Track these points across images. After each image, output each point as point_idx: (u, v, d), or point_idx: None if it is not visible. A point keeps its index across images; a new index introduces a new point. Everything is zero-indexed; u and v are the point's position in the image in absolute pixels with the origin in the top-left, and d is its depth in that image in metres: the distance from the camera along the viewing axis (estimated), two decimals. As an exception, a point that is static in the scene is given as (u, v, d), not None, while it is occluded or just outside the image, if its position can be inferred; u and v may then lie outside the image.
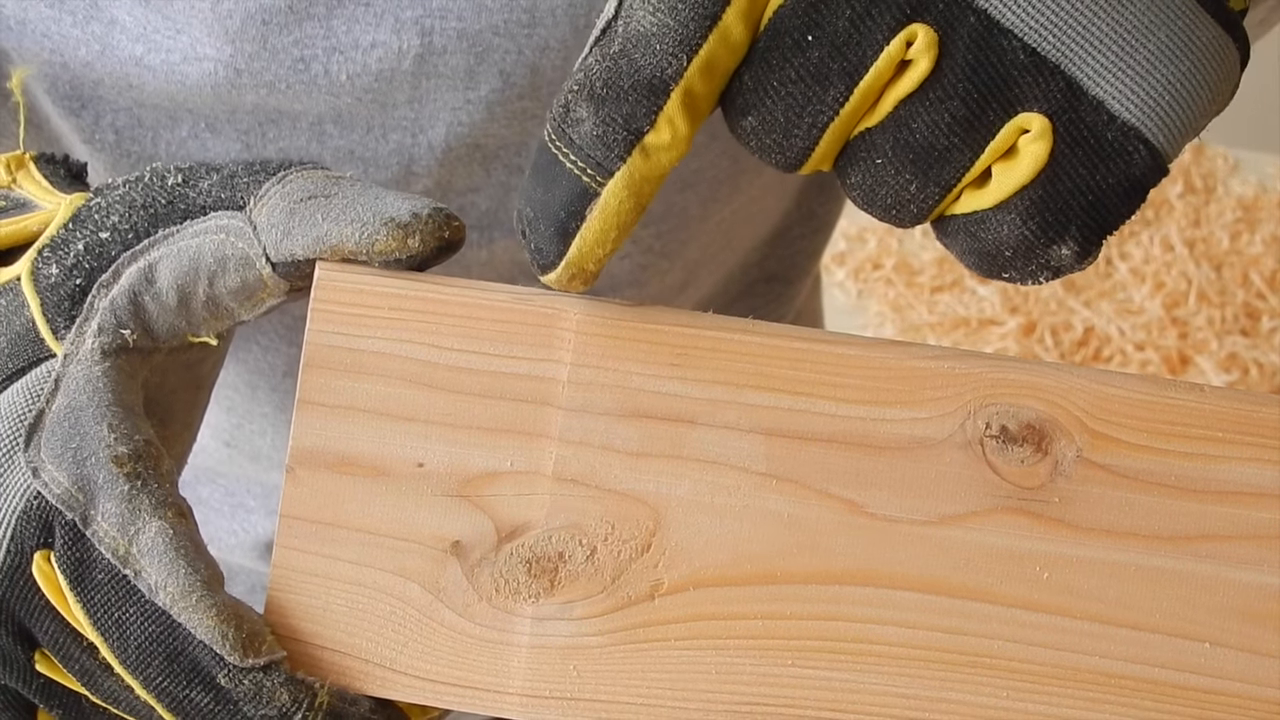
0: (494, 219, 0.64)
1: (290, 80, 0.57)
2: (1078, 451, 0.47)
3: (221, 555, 0.76)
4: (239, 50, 0.56)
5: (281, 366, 0.68)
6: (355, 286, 0.48)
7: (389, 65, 0.57)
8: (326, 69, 0.57)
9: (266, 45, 0.56)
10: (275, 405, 0.70)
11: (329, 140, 0.60)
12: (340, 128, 0.59)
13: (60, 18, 0.56)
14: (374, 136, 0.59)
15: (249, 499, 0.75)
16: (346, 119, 0.59)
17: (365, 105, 0.58)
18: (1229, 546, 0.47)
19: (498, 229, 0.65)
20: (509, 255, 0.65)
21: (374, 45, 0.57)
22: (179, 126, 0.59)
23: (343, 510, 0.48)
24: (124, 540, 0.46)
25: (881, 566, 0.47)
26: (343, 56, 0.57)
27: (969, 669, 0.47)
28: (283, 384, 0.68)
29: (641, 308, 0.48)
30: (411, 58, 0.57)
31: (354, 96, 0.58)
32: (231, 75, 0.57)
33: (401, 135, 0.60)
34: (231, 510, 0.76)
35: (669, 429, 0.47)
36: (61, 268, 0.49)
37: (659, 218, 0.67)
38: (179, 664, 0.46)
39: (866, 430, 0.47)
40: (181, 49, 0.56)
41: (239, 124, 0.59)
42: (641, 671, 0.47)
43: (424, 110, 0.59)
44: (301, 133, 0.59)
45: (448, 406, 0.48)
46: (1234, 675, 0.47)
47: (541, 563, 0.47)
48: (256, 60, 0.56)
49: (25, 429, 0.47)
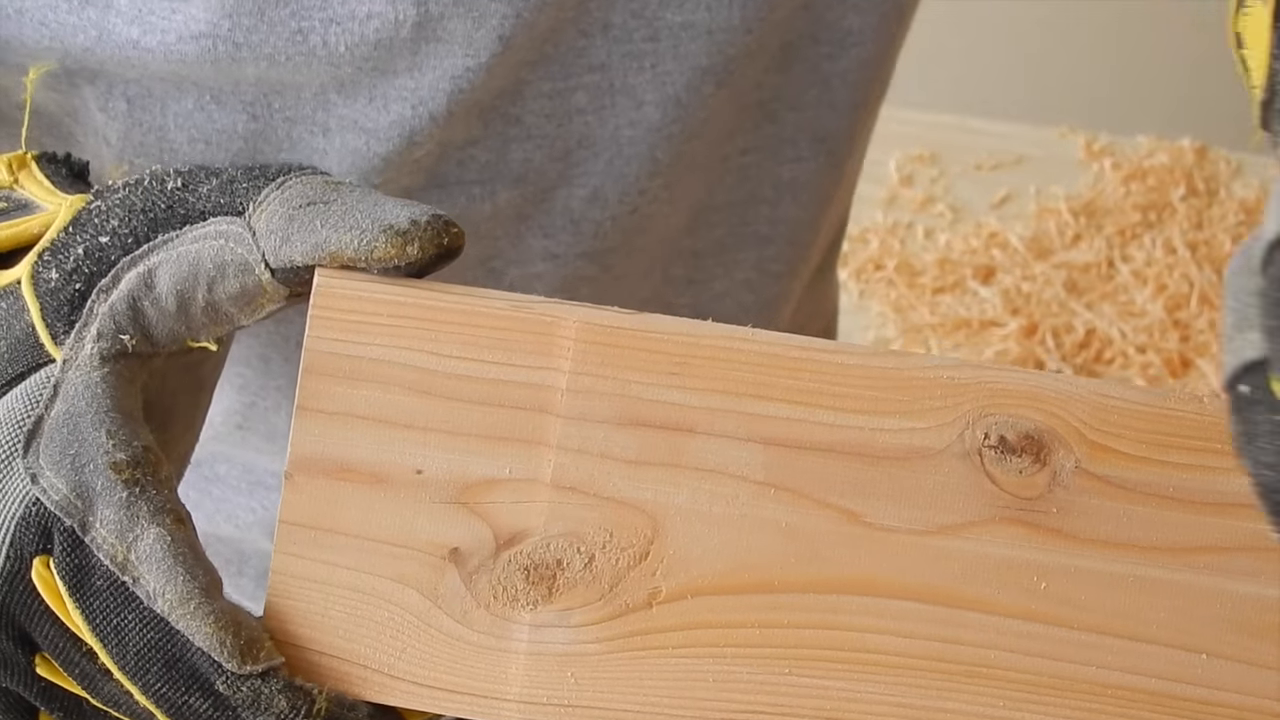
0: (494, 171, 0.64)
1: (290, 52, 0.57)
2: (1076, 462, 0.47)
3: (238, 534, 0.76)
4: (237, 24, 0.56)
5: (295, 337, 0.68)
6: (354, 293, 0.48)
7: (387, 35, 0.57)
8: (325, 40, 0.57)
9: (264, 18, 0.56)
10: (289, 378, 0.69)
11: (334, 109, 0.60)
12: (344, 96, 0.59)
13: (57, 4, 0.56)
14: (376, 106, 0.59)
15: (267, 475, 0.75)
16: (349, 88, 0.59)
17: (366, 74, 0.58)
18: (1227, 558, 0.47)
19: (499, 181, 0.64)
20: (513, 209, 0.65)
21: (370, 16, 0.57)
22: (185, 98, 0.59)
23: (341, 517, 0.48)
24: (122, 547, 0.46)
25: (879, 576, 0.47)
26: (340, 27, 0.57)
27: (966, 678, 0.47)
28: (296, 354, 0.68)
29: (641, 315, 0.48)
30: (410, 26, 0.57)
31: (354, 66, 0.58)
32: (230, 50, 0.57)
33: (402, 106, 0.60)
34: (250, 488, 0.75)
35: (667, 437, 0.47)
36: (61, 272, 0.49)
37: (666, 167, 0.66)
38: (177, 670, 0.46)
39: (865, 439, 0.47)
40: (176, 28, 0.56)
41: (243, 95, 0.59)
42: (639, 679, 0.47)
43: (424, 79, 0.59)
44: (306, 103, 0.59)
45: (446, 414, 0.48)
46: (1231, 686, 0.47)
47: (539, 570, 0.47)
48: (255, 34, 0.56)
49: (24, 435, 0.47)
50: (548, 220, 0.66)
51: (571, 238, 0.66)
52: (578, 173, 0.64)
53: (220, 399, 0.66)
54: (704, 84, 0.64)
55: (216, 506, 0.76)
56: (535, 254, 0.66)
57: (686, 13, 0.62)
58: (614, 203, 0.65)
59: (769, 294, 0.74)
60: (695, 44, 0.63)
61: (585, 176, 0.65)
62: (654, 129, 0.64)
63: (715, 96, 0.65)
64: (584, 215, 0.66)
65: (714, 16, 0.63)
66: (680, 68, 0.63)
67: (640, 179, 0.65)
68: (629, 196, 0.65)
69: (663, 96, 0.63)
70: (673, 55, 0.63)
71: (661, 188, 0.66)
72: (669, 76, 0.63)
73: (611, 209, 0.66)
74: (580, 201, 0.65)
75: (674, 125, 0.64)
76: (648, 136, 0.64)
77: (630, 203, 0.66)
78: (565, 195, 0.65)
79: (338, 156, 0.61)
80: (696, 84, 0.63)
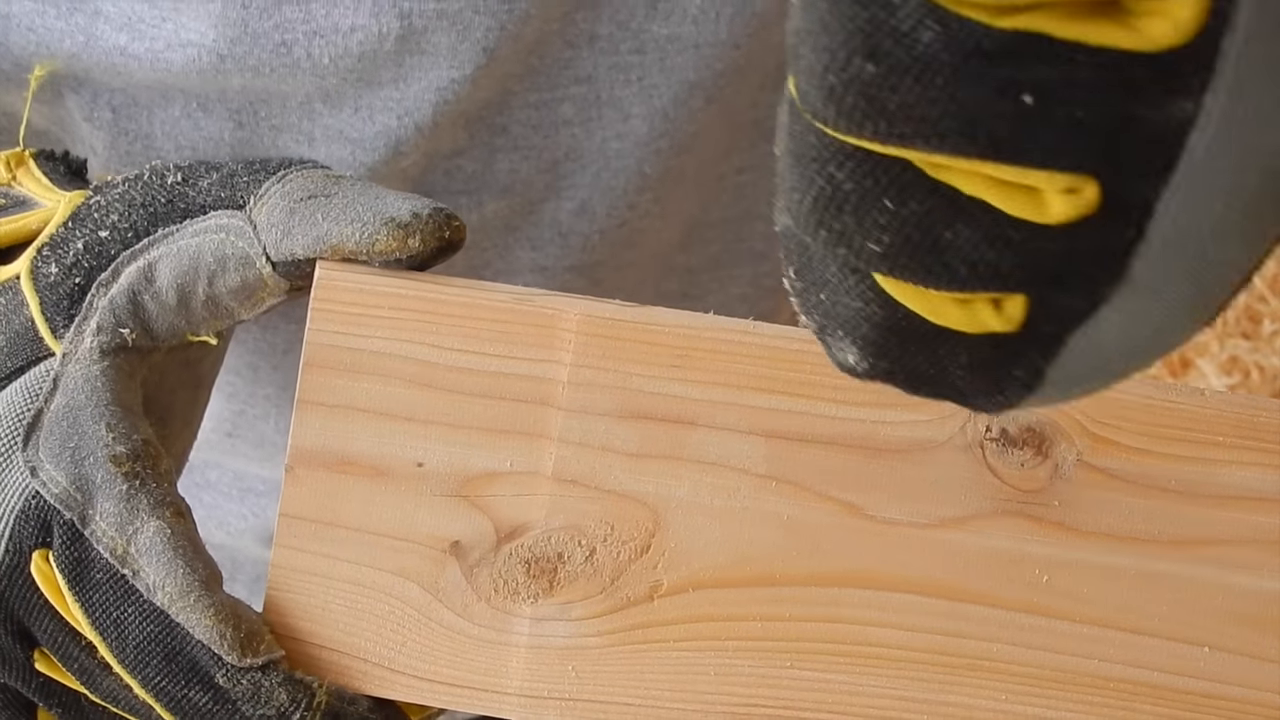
0: (481, 182, 0.64)
1: (274, 64, 0.57)
2: (1078, 455, 0.47)
3: (230, 541, 0.76)
4: (221, 35, 0.56)
5: (282, 345, 0.68)
6: (355, 286, 0.48)
7: (371, 47, 0.57)
8: (309, 52, 0.57)
9: (248, 30, 0.56)
10: (278, 385, 0.70)
11: (319, 119, 0.60)
12: (329, 106, 0.59)
13: (44, 10, 0.56)
14: (361, 117, 0.59)
15: (257, 483, 0.75)
16: (334, 98, 0.59)
17: (351, 85, 0.59)
18: (1229, 551, 0.47)
19: (486, 192, 0.64)
20: (501, 220, 0.65)
21: (354, 29, 0.57)
22: (171, 106, 0.59)
23: (342, 510, 0.48)
24: (122, 540, 0.46)
25: (881, 569, 0.47)
26: (324, 40, 0.57)
27: (968, 672, 0.47)
28: (284, 362, 0.68)
29: (642, 308, 0.48)
30: (393, 39, 0.57)
31: (339, 77, 0.58)
32: (215, 60, 0.57)
33: (388, 117, 0.60)
34: (240, 494, 0.76)
35: (669, 430, 0.47)
36: (61, 266, 0.49)
37: (655, 181, 0.66)
38: (177, 663, 0.46)
39: (867, 433, 0.47)
40: (165, 36, 0.56)
41: (230, 103, 0.59)
42: (640, 672, 0.47)
43: (409, 90, 0.59)
44: (291, 111, 0.60)
45: (447, 406, 0.48)
46: (1233, 680, 0.47)
47: (540, 563, 0.47)
48: (239, 45, 0.57)
49: (24, 428, 0.47)
50: (535, 233, 0.66)
51: (559, 250, 0.66)
52: (565, 185, 0.65)
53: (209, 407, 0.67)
54: (692, 98, 0.64)
55: (208, 513, 0.76)
56: (523, 266, 0.66)
57: (673, 26, 0.62)
58: (602, 216, 0.65)
59: (764, 308, 0.75)
60: (682, 57, 0.63)
61: (573, 189, 0.65)
62: (641, 142, 0.64)
63: (704, 112, 0.65)
64: (572, 228, 0.66)
65: (701, 31, 0.62)
66: (667, 81, 0.63)
67: (628, 192, 0.65)
68: (617, 210, 0.65)
69: (650, 110, 0.63)
70: (659, 68, 0.63)
71: (651, 202, 0.66)
72: (656, 90, 0.63)
73: (600, 222, 0.66)
74: (568, 214, 0.65)
75: (661, 139, 0.64)
76: (635, 150, 0.64)
77: (618, 216, 0.66)
78: (553, 208, 0.65)
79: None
80: (684, 98, 0.63)
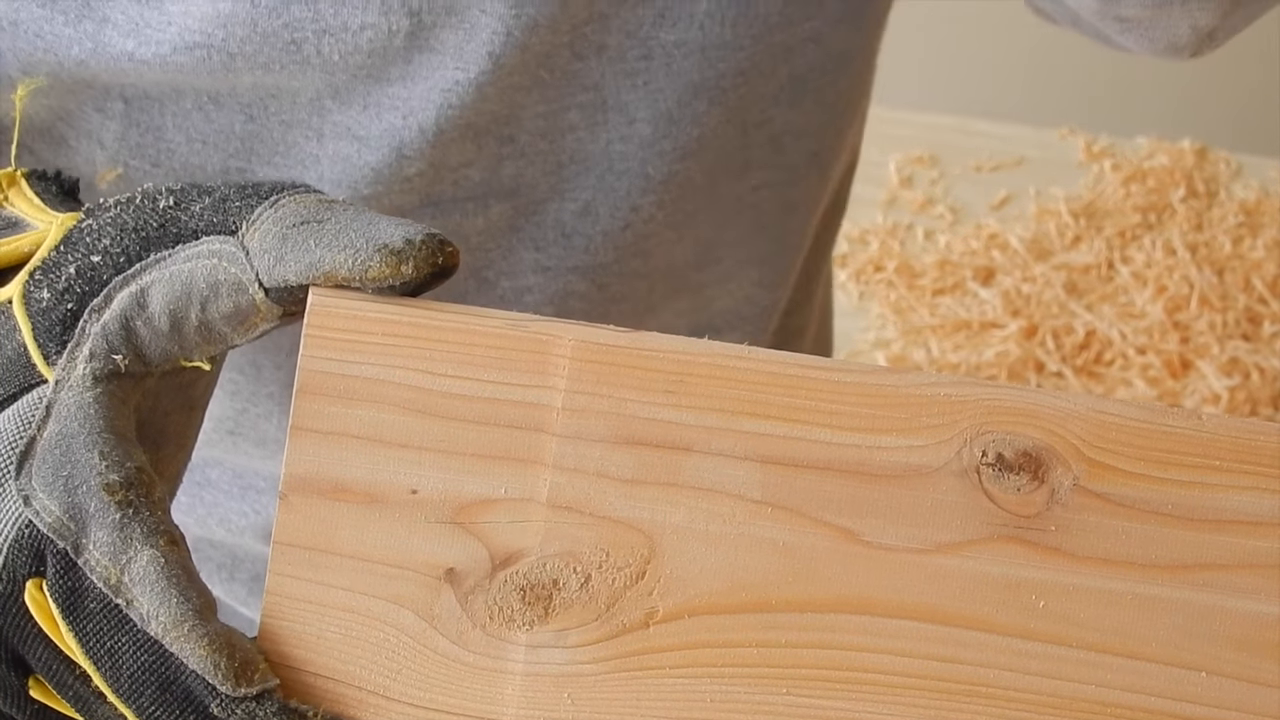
0: (488, 187, 0.64)
1: (284, 61, 0.57)
2: (1074, 480, 0.47)
3: (230, 539, 0.76)
4: (230, 34, 0.56)
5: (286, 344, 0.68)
6: (349, 312, 0.47)
7: (381, 44, 0.57)
8: (319, 49, 0.57)
9: (257, 29, 0.56)
10: (281, 384, 0.69)
11: (329, 115, 0.60)
12: (338, 103, 0.59)
13: (52, 17, 0.56)
14: (369, 114, 0.59)
15: (258, 479, 0.75)
16: (344, 94, 0.59)
17: (361, 81, 0.59)
18: (1226, 575, 0.47)
19: (492, 195, 0.64)
20: (505, 220, 0.65)
21: (364, 26, 0.57)
22: (183, 99, 0.59)
23: (336, 537, 0.48)
24: (116, 569, 0.45)
25: (877, 595, 0.47)
26: (333, 38, 0.57)
27: (965, 698, 0.47)
28: (287, 361, 0.68)
29: (636, 333, 0.48)
30: (403, 35, 0.57)
31: (349, 74, 0.58)
32: (225, 59, 0.57)
33: (393, 115, 0.60)
34: (241, 492, 0.76)
35: (664, 456, 0.47)
36: (53, 291, 0.49)
37: (659, 184, 0.66)
38: (171, 693, 0.45)
39: (862, 458, 0.47)
40: (171, 40, 0.56)
41: (241, 98, 0.59)
42: (636, 699, 0.47)
43: (415, 89, 0.59)
44: (301, 107, 0.60)
45: (441, 433, 0.47)
46: (1231, 705, 0.47)
47: (535, 590, 0.47)
48: (248, 44, 0.57)
49: (16, 456, 0.47)
50: (539, 233, 0.66)
51: (562, 251, 0.66)
52: (569, 187, 0.65)
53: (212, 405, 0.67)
54: (696, 100, 0.64)
55: (209, 511, 0.76)
56: (526, 266, 0.66)
57: (680, 31, 0.62)
58: (605, 217, 0.66)
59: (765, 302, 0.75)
60: (688, 61, 0.63)
61: (577, 191, 0.65)
62: (645, 144, 0.64)
63: (708, 115, 0.65)
64: (575, 229, 0.66)
65: (707, 35, 0.63)
66: (672, 84, 0.63)
67: (632, 194, 0.65)
68: (620, 212, 0.65)
69: (654, 113, 0.63)
70: (665, 72, 0.63)
71: (654, 206, 0.66)
72: (661, 93, 0.63)
73: (603, 223, 0.66)
74: (571, 215, 0.65)
75: (665, 141, 0.64)
76: (639, 152, 0.64)
77: (622, 218, 0.66)
78: (556, 208, 0.65)
79: (329, 163, 0.61)
80: (688, 100, 0.63)
